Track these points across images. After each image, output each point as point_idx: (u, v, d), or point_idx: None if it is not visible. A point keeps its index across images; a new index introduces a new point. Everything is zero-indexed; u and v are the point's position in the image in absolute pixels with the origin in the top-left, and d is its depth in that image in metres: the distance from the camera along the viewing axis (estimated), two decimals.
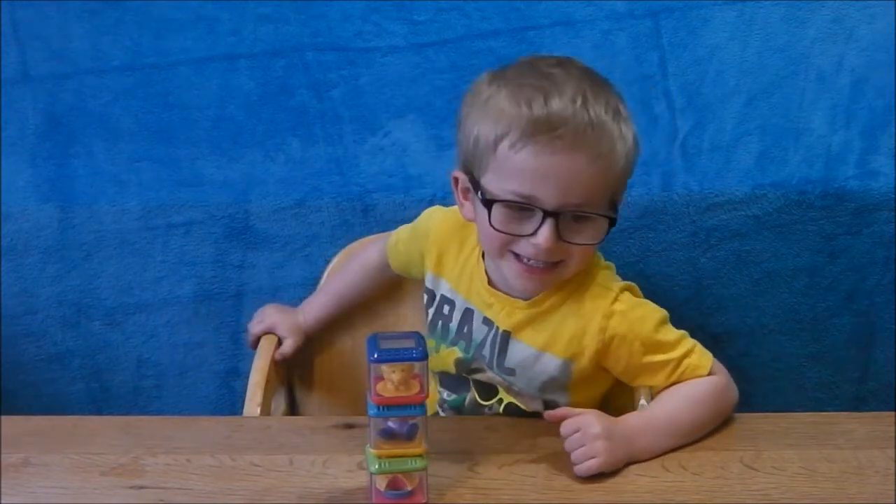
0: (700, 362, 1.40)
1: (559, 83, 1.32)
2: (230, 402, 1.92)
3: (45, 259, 1.88)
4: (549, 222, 1.31)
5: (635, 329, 1.39)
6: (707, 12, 1.77)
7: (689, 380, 1.39)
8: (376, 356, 1.20)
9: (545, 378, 1.43)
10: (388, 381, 1.20)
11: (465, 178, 1.40)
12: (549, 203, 1.31)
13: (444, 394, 1.52)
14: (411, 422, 1.21)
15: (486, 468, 1.32)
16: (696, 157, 1.82)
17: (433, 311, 1.52)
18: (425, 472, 1.24)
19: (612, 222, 1.35)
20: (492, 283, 1.45)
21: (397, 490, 1.23)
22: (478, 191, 1.35)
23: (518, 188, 1.32)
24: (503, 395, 1.47)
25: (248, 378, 1.63)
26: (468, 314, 1.48)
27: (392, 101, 1.81)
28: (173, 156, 1.84)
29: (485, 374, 1.47)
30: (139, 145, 1.84)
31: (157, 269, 1.89)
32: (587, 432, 1.30)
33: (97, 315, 1.91)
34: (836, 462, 1.32)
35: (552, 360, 1.42)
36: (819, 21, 1.77)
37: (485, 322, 1.46)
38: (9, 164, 1.85)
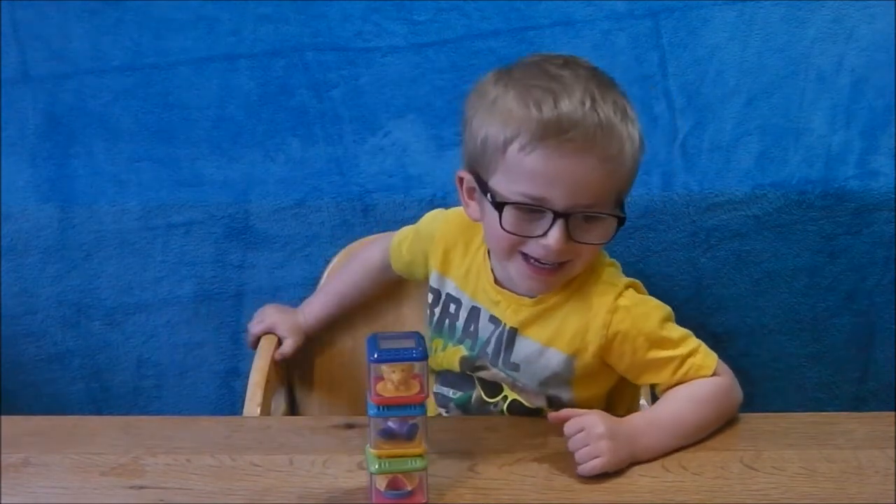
0: (705, 362, 1.40)
1: (567, 84, 1.32)
2: (230, 402, 1.92)
3: (45, 259, 1.88)
4: (560, 223, 1.32)
5: (639, 325, 1.40)
6: (707, 12, 1.77)
7: (694, 379, 1.39)
8: (376, 356, 1.20)
9: (548, 373, 1.43)
10: (388, 381, 1.20)
11: (470, 179, 1.39)
12: (560, 204, 1.31)
13: (450, 392, 1.52)
14: (411, 422, 1.21)
15: (486, 468, 1.32)
16: (696, 157, 1.82)
17: (439, 309, 1.52)
18: (425, 472, 1.24)
19: (620, 221, 1.35)
20: (498, 282, 1.46)
21: (397, 490, 1.23)
22: (486, 192, 1.35)
23: (528, 190, 1.32)
24: (507, 392, 1.48)
25: (248, 378, 1.63)
26: (475, 312, 1.48)
27: (392, 101, 1.81)
28: (173, 156, 1.84)
29: (488, 371, 1.47)
30: (139, 145, 1.84)
31: (157, 269, 1.89)
32: (591, 432, 1.30)
33: (97, 315, 1.91)
34: (836, 462, 1.32)
35: (556, 354, 1.42)
36: (819, 21, 1.77)
37: (491, 320, 1.46)
38: (9, 164, 1.85)
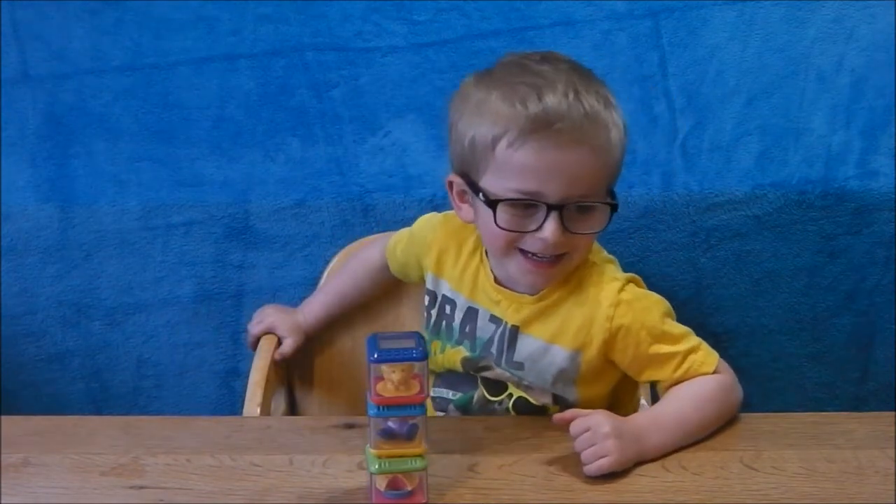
0: (706, 360, 1.41)
1: (550, 79, 1.33)
2: (230, 402, 1.92)
3: (45, 259, 1.88)
4: (554, 216, 1.33)
5: (641, 318, 1.40)
6: (707, 12, 1.77)
7: (696, 377, 1.40)
8: (376, 356, 1.20)
9: (554, 371, 1.43)
10: (388, 381, 1.20)
11: (461, 182, 1.40)
12: (553, 197, 1.32)
13: (449, 394, 1.52)
14: (411, 422, 1.21)
15: (486, 468, 1.32)
16: (696, 157, 1.82)
17: (436, 311, 1.52)
18: (425, 472, 1.23)
19: (613, 209, 1.36)
20: (498, 281, 1.46)
21: (397, 490, 1.23)
22: (478, 192, 1.36)
23: (520, 185, 1.33)
24: (512, 389, 1.48)
25: (248, 378, 1.63)
26: (471, 313, 1.48)
27: (392, 101, 1.81)
28: (173, 156, 1.84)
29: (493, 371, 1.47)
30: (139, 145, 1.84)
31: (157, 269, 1.89)
32: (597, 431, 1.30)
33: (97, 315, 1.91)
34: (836, 462, 1.32)
35: (561, 351, 1.42)
36: (819, 21, 1.77)
37: (492, 320, 1.46)
38: (9, 164, 1.85)
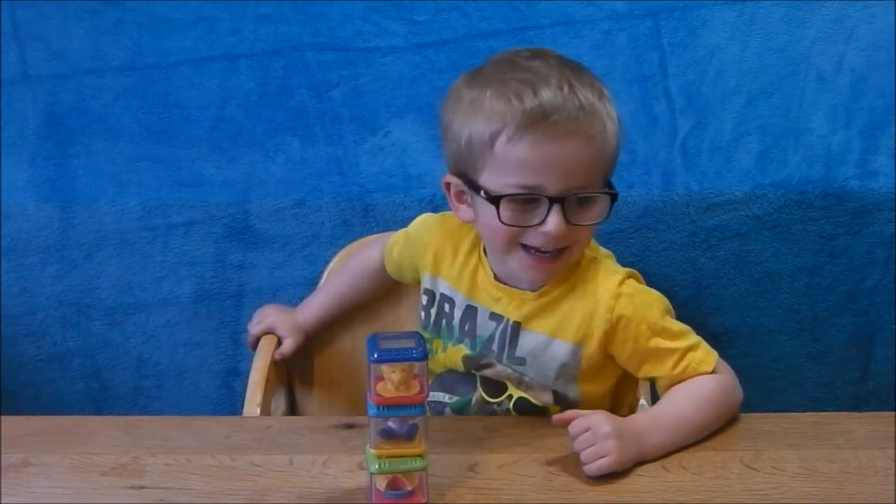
0: (706, 358, 1.41)
1: (542, 74, 1.34)
2: (230, 402, 1.92)
3: (45, 259, 1.88)
4: (556, 208, 1.33)
5: (641, 312, 1.40)
6: (707, 12, 1.77)
7: (695, 376, 1.40)
8: (376, 356, 1.20)
9: (556, 365, 1.43)
10: (388, 381, 1.20)
11: (458, 182, 1.40)
12: (553, 190, 1.33)
13: (446, 397, 1.51)
14: (411, 422, 1.21)
15: (486, 468, 1.32)
16: (696, 157, 1.82)
17: (435, 310, 1.52)
18: (425, 472, 1.23)
19: (613, 199, 1.37)
20: (498, 279, 1.46)
21: (397, 490, 1.23)
22: (478, 191, 1.36)
23: (521, 180, 1.33)
24: (512, 390, 1.47)
25: (248, 378, 1.63)
26: (470, 311, 1.48)
27: (392, 101, 1.81)
28: (173, 156, 1.84)
29: (494, 368, 1.47)
30: (139, 145, 1.84)
31: (157, 269, 1.89)
32: (597, 432, 1.30)
33: (97, 315, 1.91)
34: (836, 462, 1.32)
35: (562, 345, 1.43)
36: (819, 21, 1.77)
37: (492, 318, 1.46)
38: (9, 164, 1.85)
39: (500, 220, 1.34)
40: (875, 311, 1.88)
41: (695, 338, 1.42)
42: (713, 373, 1.40)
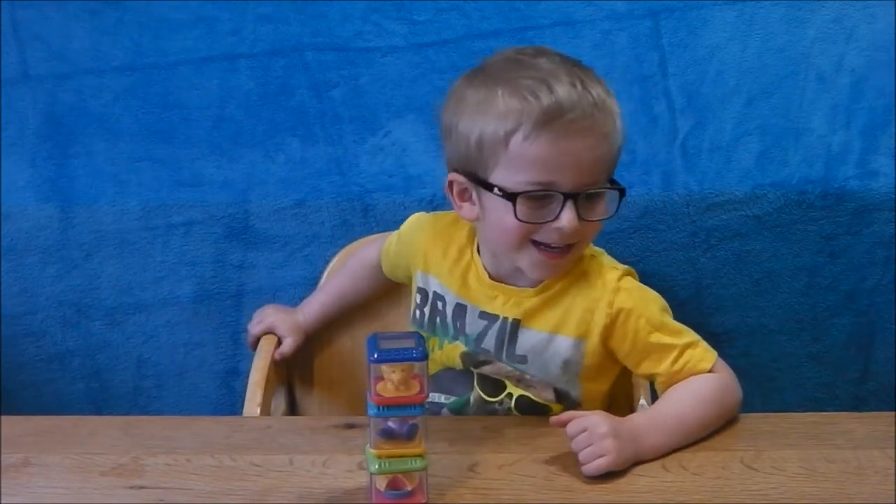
0: (704, 356, 1.41)
1: (551, 71, 1.35)
2: (230, 402, 1.92)
3: (45, 259, 1.88)
4: (570, 204, 1.34)
5: (640, 306, 1.41)
6: (707, 12, 1.77)
7: (694, 374, 1.40)
8: (376, 356, 1.20)
9: (559, 361, 1.43)
10: (388, 381, 1.20)
11: (463, 180, 1.40)
12: (567, 186, 1.34)
13: (442, 398, 1.51)
14: (411, 422, 1.21)
15: (486, 468, 1.32)
16: (696, 157, 1.82)
17: (429, 308, 1.52)
18: (425, 472, 1.23)
19: (621, 193, 1.38)
20: (492, 277, 1.46)
21: (397, 490, 1.23)
22: (490, 189, 1.36)
23: (537, 177, 1.33)
24: (512, 388, 1.47)
25: (248, 378, 1.63)
26: (459, 309, 1.48)
27: (392, 101, 1.81)
28: (173, 156, 1.84)
29: (493, 365, 1.47)
30: (139, 145, 1.84)
31: (157, 269, 1.89)
32: (594, 431, 1.30)
33: (97, 315, 1.91)
34: (835, 462, 1.32)
35: (564, 340, 1.43)
36: (819, 21, 1.77)
37: (482, 316, 1.46)
38: (9, 164, 1.85)
39: (516, 217, 1.34)
40: (875, 311, 1.88)
41: (694, 336, 1.43)
42: (712, 372, 1.40)
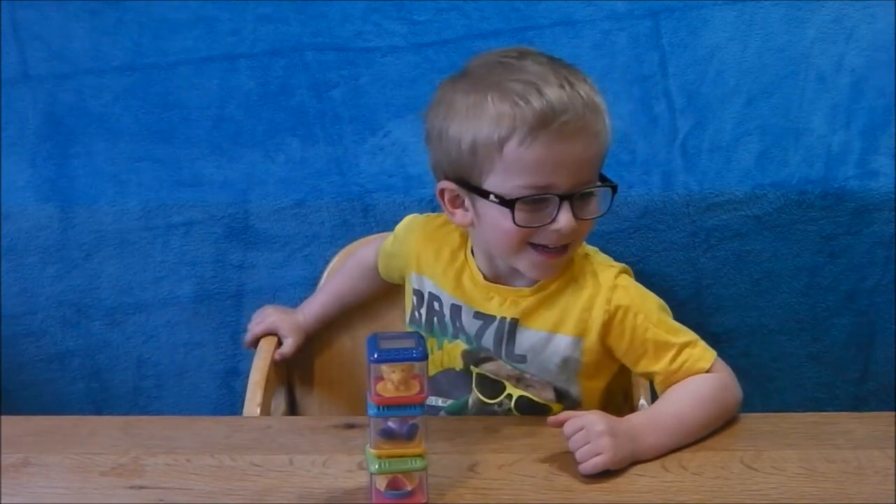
0: (703, 355, 1.41)
1: (539, 74, 1.34)
2: (230, 402, 1.92)
3: (45, 259, 1.88)
4: (567, 206, 1.34)
5: (637, 303, 1.41)
6: (707, 12, 1.77)
7: (692, 373, 1.40)
8: (376, 356, 1.20)
9: (558, 360, 1.44)
10: (388, 381, 1.20)
11: (454, 187, 1.40)
12: (563, 187, 1.34)
13: (439, 401, 1.51)
14: (411, 422, 1.21)
15: (486, 468, 1.32)
16: (696, 157, 1.82)
17: (425, 309, 1.52)
18: (425, 472, 1.23)
19: (614, 190, 1.39)
20: (487, 279, 1.46)
21: (397, 490, 1.23)
22: (485, 195, 1.36)
23: (533, 181, 1.33)
24: (511, 389, 1.47)
25: (248, 378, 1.63)
26: (455, 310, 1.48)
27: (392, 101, 1.81)
28: (173, 156, 1.84)
29: (494, 363, 1.47)
30: (139, 145, 1.84)
31: (157, 269, 1.89)
32: (591, 430, 1.30)
33: (97, 315, 1.91)
34: (835, 462, 1.32)
35: (563, 339, 1.43)
36: (819, 21, 1.77)
37: (477, 317, 1.46)
38: (9, 164, 1.85)
39: (514, 223, 1.34)
40: (875, 311, 1.88)
41: (692, 335, 1.42)
42: (711, 371, 1.40)
